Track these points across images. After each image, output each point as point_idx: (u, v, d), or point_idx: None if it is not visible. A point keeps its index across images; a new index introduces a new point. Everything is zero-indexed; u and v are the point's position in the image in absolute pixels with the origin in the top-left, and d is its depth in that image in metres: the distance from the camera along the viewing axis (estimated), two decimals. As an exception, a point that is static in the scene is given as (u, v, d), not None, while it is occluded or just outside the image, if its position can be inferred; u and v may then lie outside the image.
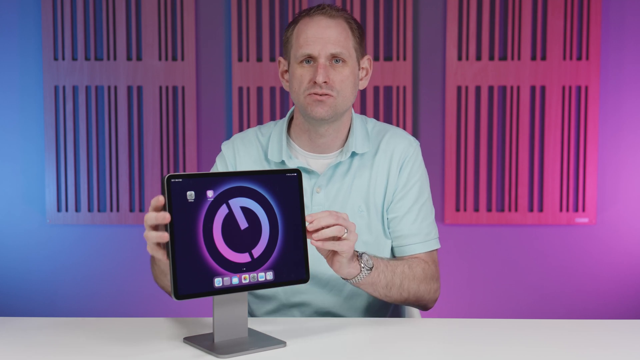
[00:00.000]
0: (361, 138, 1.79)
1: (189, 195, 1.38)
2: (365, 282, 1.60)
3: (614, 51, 3.40)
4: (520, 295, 3.47)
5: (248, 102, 3.42)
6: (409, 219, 1.77)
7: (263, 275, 1.47)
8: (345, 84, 1.71)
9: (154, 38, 3.43)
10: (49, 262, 3.52)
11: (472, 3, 3.38)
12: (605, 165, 3.43)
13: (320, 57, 1.69)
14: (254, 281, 1.46)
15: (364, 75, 1.80)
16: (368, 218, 1.77)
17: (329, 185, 1.77)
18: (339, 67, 1.70)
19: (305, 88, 1.71)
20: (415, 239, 1.77)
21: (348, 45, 1.72)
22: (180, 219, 1.37)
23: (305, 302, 1.77)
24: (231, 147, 1.85)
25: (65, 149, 3.46)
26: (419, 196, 1.79)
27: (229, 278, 1.43)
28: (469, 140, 3.42)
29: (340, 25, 1.72)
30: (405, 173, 1.79)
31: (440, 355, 1.46)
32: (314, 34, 1.69)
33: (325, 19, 1.71)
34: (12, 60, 3.47)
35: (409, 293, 1.69)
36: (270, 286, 1.48)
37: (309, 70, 1.70)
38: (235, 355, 1.40)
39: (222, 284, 1.42)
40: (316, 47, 1.69)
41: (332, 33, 1.70)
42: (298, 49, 1.71)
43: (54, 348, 1.46)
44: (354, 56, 1.73)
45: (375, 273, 1.60)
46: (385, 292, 1.65)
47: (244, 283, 1.44)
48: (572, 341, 1.52)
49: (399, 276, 1.66)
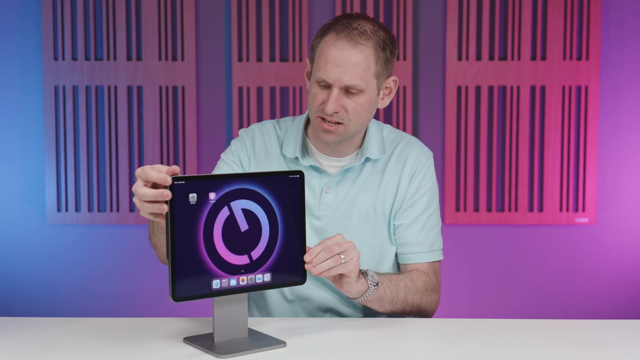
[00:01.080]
0: (376, 144, 1.79)
1: (191, 198, 1.38)
2: (373, 299, 1.63)
3: (614, 51, 3.40)
4: (520, 295, 3.47)
5: (248, 102, 3.42)
6: (415, 228, 1.78)
7: (261, 277, 1.47)
8: (359, 112, 1.67)
9: (154, 38, 3.43)
10: (49, 262, 3.52)
11: (472, 3, 3.38)
12: (605, 165, 3.43)
13: (335, 86, 1.64)
14: (252, 283, 1.46)
15: (386, 94, 1.74)
16: (375, 222, 1.77)
17: (338, 186, 1.77)
18: (353, 96, 1.66)
19: (316, 109, 1.68)
20: (420, 248, 1.78)
21: (367, 75, 1.65)
22: (182, 222, 1.37)
23: (306, 296, 1.77)
24: (250, 135, 1.83)
25: (65, 149, 3.46)
26: (428, 206, 1.79)
27: (227, 280, 1.43)
28: (469, 140, 3.42)
29: (362, 55, 1.64)
30: (416, 182, 1.79)
31: (440, 355, 1.46)
32: (333, 59, 1.63)
33: (347, 47, 1.63)
34: (12, 60, 3.47)
35: (412, 306, 1.72)
36: (267, 287, 1.49)
37: (323, 93, 1.67)
38: (235, 355, 1.40)
39: (220, 286, 1.43)
40: (332, 75, 1.63)
41: (352, 62, 1.63)
42: (317, 69, 1.67)
43: (54, 348, 1.46)
44: (373, 84, 1.67)
45: (381, 288, 1.63)
46: (390, 307, 1.68)
47: (241, 285, 1.45)
48: (572, 341, 1.52)
49: (403, 290, 1.69)
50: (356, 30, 1.64)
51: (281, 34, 3.42)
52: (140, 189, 1.35)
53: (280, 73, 3.41)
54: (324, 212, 1.76)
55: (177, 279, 1.38)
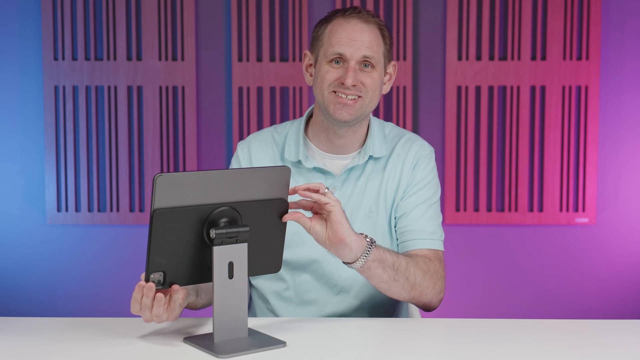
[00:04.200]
0: (379, 142, 1.80)
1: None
2: (373, 259, 1.57)
3: (614, 51, 3.40)
4: (520, 295, 3.47)
5: (248, 102, 3.42)
6: (416, 215, 1.77)
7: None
8: (375, 87, 1.73)
9: (154, 38, 3.43)
10: (49, 262, 3.52)
11: (472, 3, 3.38)
12: (605, 165, 3.43)
13: (352, 59, 1.71)
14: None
15: (387, 80, 1.81)
16: (377, 218, 1.78)
17: (344, 186, 1.78)
18: (367, 71, 1.72)
19: (330, 85, 1.72)
20: (421, 235, 1.75)
21: (379, 51, 1.74)
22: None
23: (313, 300, 1.77)
24: (247, 147, 1.84)
25: (65, 149, 3.46)
26: (430, 197, 1.79)
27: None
28: (469, 140, 3.42)
29: (373, 31, 1.73)
30: (419, 171, 1.79)
31: (440, 355, 1.46)
32: (348, 35, 1.71)
33: (360, 23, 1.73)
34: (12, 60, 3.47)
35: (415, 280, 1.64)
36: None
37: (337, 70, 1.72)
38: (235, 355, 1.40)
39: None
40: (349, 49, 1.71)
41: (365, 37, 1.72)
42: (329, 47, 1.72)
43: (54, 348, 1.46)
44: (381, 62, 1.75)
45: (380, 250, 1.58)
46: (393, 275, 1.61)
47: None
48: (572, 341, 1.52)
49: (404, 260, 1.64)
50: (363, 12, 1.75)
51: (281, 34, 3.42)
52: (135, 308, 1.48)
53: (280, 73, 3.41)
54: None
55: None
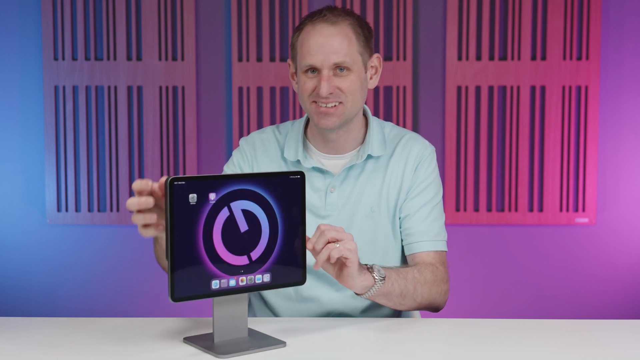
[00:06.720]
0: (378, 141, 1.79)
1: (191, 198, 1.39)
2: (380, 293, 1.59)
3: (614, 51, 3.40)
4: (520, 295, 3.47)
5: (248, 102, 3.42)
6: (420, 217, 1.77)
7: (260, 278, 1.47)
8: (353, 90, 1.71)
9: (154, 38, 3.43)
10: (49, 262, 3.52)
11: (472, 3, 3.38)
12: (605, 165, 3.43)
13: (324, 68, 1.68)
14: (251, 283, 1.46)
15: (373, 74, 1.79)
16: (379, 218, 1.78)
17: (342, 185, 1.78)
18: (343, 75, 1.70)
19: (309, 95, 1.72)
20: (425, 237, 1.76)
21: (352, 52, 1.70)
22: (181, 222, 1.38)
23: (312, 297, 1.77)
24: (251, 144, 1.85)
25: (65, 149, 3.46)
26: (432, 197, 1.80)
27: (227, 280, 1.43)
28: (469, 140, 3.42)
29: (343, 32, 1.69)
30: (421, 172, 1.79)
31: (440, 355, 1.46)
32: (315, 43, 1.68)
33: (327, 27, 1.69)
34: (12, 60, 3.47)
35: (422, 298, 1.67)
36: (267, 288, 1.49)
37: (312, 80, 1.71)
38: (235, 355, 1.40)
39: (219, 286, 1.43)
40: (319, 58, 1.68)
41: (335, 42, 1.68)
42: (302, 58, 1.71)
43: (54, 348, 1.46)
44: (359, 61, 1.72)
45: (388, 282, 1.59)
46: (399, 301, 1.64)
47: (240, 285, 1.45)
48: (572, 341, 1.52)
49: (412, 282, 1.64)
50: (330, 14, 1.71)
51: (281, 34, 3.42)
52: (129, 200, 1.40)
53: (280, 73, 3.41)
54: (330, 211, 1.77)
55: (176, 279, 1.38)
